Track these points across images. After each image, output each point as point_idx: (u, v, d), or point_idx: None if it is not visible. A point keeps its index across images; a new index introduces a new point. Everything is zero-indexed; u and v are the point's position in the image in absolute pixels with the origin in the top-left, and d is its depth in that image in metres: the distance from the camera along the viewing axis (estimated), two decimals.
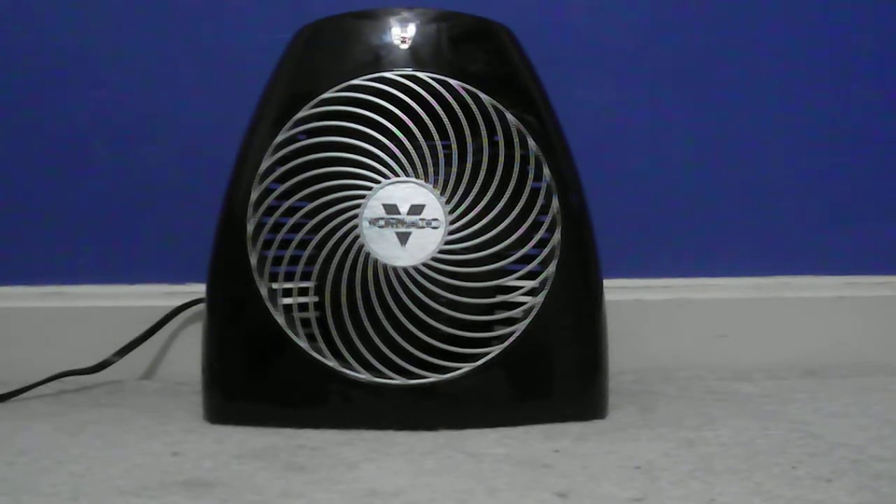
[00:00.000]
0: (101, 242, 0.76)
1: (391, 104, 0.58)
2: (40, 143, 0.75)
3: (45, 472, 0.50)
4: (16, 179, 0.76)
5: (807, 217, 0.80)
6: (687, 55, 0.78)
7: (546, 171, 0.59)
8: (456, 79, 0.58)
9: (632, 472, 0.50)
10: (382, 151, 0.59)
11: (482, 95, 0.58)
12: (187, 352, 0.74)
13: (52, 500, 0.46)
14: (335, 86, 0.59)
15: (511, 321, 0.59)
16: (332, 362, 0.58)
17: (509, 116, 0.59)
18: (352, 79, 0.59)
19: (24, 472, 0.50)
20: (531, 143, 0.59)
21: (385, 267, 0.58)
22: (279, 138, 0.59)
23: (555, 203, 0.59)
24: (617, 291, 0.75)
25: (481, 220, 0.58)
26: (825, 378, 0.73)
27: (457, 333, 0.58)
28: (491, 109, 0.58)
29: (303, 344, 0.58)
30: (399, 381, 0.58)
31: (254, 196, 0.59)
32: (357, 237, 0.58)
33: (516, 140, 0.59)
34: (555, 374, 0.59)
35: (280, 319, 0.58)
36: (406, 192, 0.59)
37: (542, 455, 0.53)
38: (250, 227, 0.59)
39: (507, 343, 0.58)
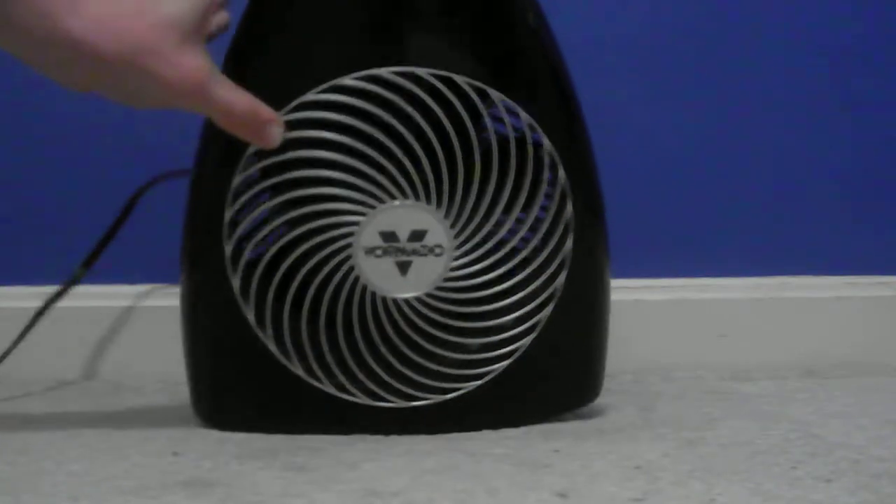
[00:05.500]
0: None
1: (385, 111, 0.52)
2: (40, 144, 0.75)
3: (45, 472, 0.50)
4: (16, 179, 0.76)
5: (807, 217, 0.80)
6: (688, 54, 0.78)
7: (561, 173, 0.54)
8: (461, 74, 0.52)
9: (632, 472, 0.50)
10: (377, 171, 0.53)
11: (491, 92, 0.53)
12: None
13: (52, 500, 0.46)
14: (317, 86, 0.52)
15: (517, 336, 0.56)
16: (329, 388, 0.55)
17: (522, 115, 0.54)
18: (336, 77, 0.52)
19: (24, 472, 0.50)
20: (546, 143, 0.54)
21: (384, 299, 0.54)
22: (250, 150, 0.52)
23: (568, 208, 0.55)
24: (617, 291, 0.75)
25: (488, 241, 0.55)
26: (825, 378, 0.73)
27: (463, 358, 0.56)
28: (501, 107, 0.53)
29: (298, 371, 0.55)
30: (399, 403, 0.56)
31: (227, 216, 0.53)
32: (351, 268, 0.54)
33: (530, 144, 0.54)
34: (555, 389, 0.58)
35: (271, 346, 0.55)
36: (405, 216, 0.53)
37: (542, 455, 0.53)
38: (228, 250, 0.54)
39: (510, 359, 0.56)
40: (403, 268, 0.54)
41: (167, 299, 0.74)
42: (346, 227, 0.53)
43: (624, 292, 0.77)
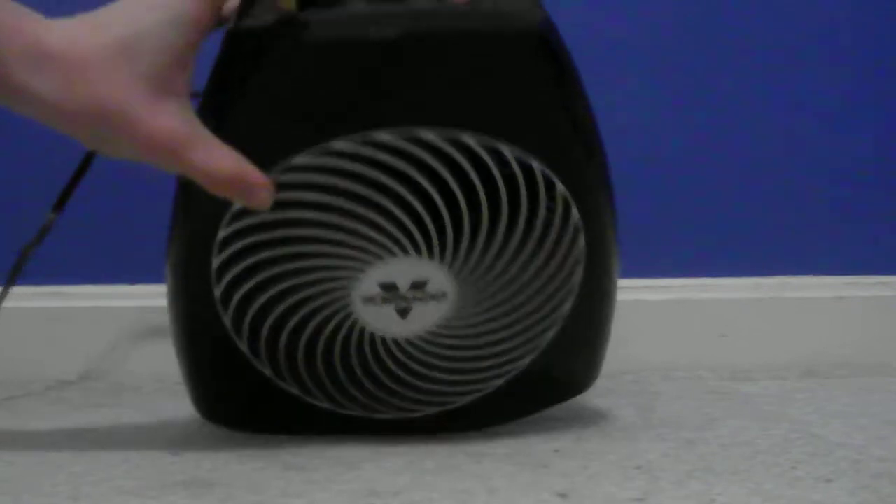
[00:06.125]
0: (101, 242, 0.76)
1: (383, 174, 0.48)
2: (40, 143, 0.75)
3: (45, 472, 0.50)
4: (16, 179, 0.76)
5: (807, 217, 0.80)
6: (687, 53, 0.78)
7: (574, 212, 0.51)
8: (469, 129, 0.48)
9: (632, 472, 0.50)
10: (375, 230, 0.49)
11: (504, 148, 0.48)
12: None
13: (52, 500, 0.46)
14: (305, 148, 0.47)
15: (516, 358, 0.55)
16: (327, 405, 0.55)
17: (535, 165, 0.49)
18: (327, 139, 0.47)
19: (24, 472, 0.50)
20: (560, 186, 0.50)
21: (384, 339, 0.52)
22: (235, 207, 0.49)
23: (580, 243, 0.52)
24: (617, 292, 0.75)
25: (495, 284, 0.52)
26: (825, 378, 0.73)
27: (461, 378, 0.55)
28: (514, 162, 0.49)
29: (294, 390, 0.54)
30: (396, 416, 0.55)
31: (215, 264, 0.50)
32: (349, 314, 0.51)
33: (543, 193, 0.50)
34: (551, 388, 0.57)
35: (267, 371, 0.53)
36: (405, 268, 0.50)
37: (542, 455, 0.53)
38: (217, 293, 0.51)
39: (512, 374, 0.55)
40: (404, 313, 0.52)
41: (167, 299, 0.74)
42: (341, 280, 0.51)
43: (624, 292, 0.77)
